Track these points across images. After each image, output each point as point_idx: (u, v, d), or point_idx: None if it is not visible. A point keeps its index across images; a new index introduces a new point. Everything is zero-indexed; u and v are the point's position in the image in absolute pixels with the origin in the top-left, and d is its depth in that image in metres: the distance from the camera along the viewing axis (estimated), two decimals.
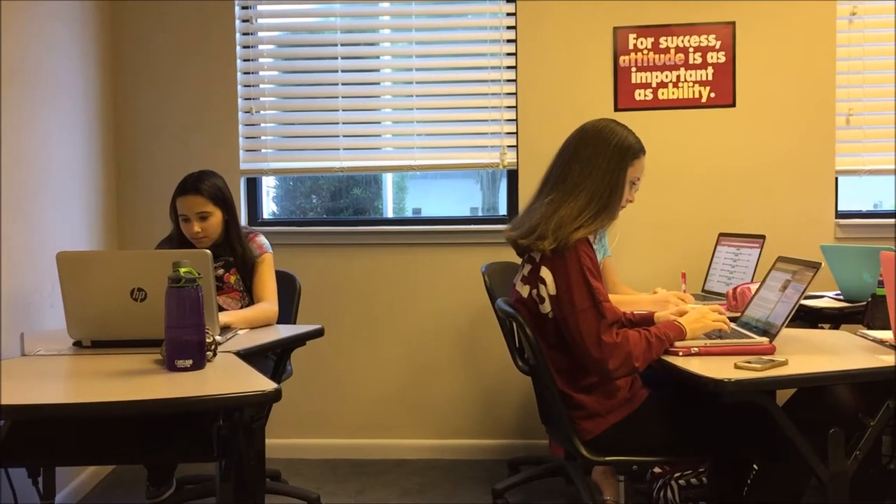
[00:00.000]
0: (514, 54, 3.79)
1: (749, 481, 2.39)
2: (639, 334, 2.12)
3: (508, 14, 3.80)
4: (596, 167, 2.19)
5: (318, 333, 2.73)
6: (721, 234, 3.53)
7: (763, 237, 3.25)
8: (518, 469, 3.49)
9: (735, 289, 2.95)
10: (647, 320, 2.37)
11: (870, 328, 2.51)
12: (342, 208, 4.34)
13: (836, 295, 3.17)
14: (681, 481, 2.88)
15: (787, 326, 2.73)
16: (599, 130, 2.24)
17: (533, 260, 2.24)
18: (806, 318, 3.02)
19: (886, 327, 2.32)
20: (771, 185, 3.72)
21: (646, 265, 3.71)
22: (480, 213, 4.15)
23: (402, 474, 3.63)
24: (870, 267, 2.84)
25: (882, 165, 3.72)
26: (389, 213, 4.31)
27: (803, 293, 2.19)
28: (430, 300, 3.86)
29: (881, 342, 2.29)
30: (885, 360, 2.09)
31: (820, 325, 3.07)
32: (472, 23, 3.89)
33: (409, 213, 4.30)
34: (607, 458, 2.24)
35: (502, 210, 3.98)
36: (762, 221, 3.62)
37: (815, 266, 2.21)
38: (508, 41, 3.80)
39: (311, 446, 3.89)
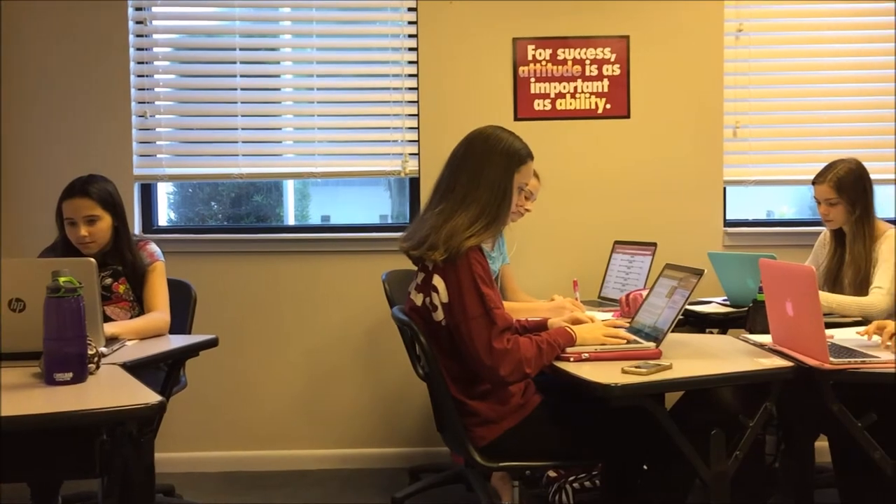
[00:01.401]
0: (416, 62, 3.81)
1: (639, 482, 2.46)
2: (530, 340, 2.15)
3: (410, 22, 3.81)
4: (484, 175, 2.21)
5: (212, 344, 2.67)
6: (616, 242, 3.63)
7: (655, 245, 3.35)
8: (419, 477, 3.49)
9: (628, 295, 3.03)
10: (540, 327, 2.40)
11: (751, 332, 2.62)
12: (243, 215, 4.27)
13: (723, 300, 3.29)
14: (575, 485, 2.94)
15: (675, 331, 2.82)
16: (486, 138, 2.27)
17: (426, 268, 2.24)
18: (695, 323, 3.13)
19: (766, 331, 2.42)
20: (663, 194, 3.84)
21: (544, 272, 3.77)
22: (390, 221, 4.14)
23: (302, 485, 3.58)
24: (753, 273, 2.96)
25: (767, 176, 3.89)
26: (291, 221, 4.25)
27: (688, 299, 2.26)
28: (332, 308, 3.83)
29: (761, 346, 2.39)
30: (764, 363, 2.18)
31: (708, 329, 3.18)
32: (374, 30, 3.89)
33: (316, 221, 4.26)
34: (501, 464, 2.27)
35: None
36: (655, 229, 3.73)
37: (699, 273, 2.28)
38: (410, 49, 3.82)
39: (208, 459, 3.80)
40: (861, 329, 2.36)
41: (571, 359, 2.20)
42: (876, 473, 2.12)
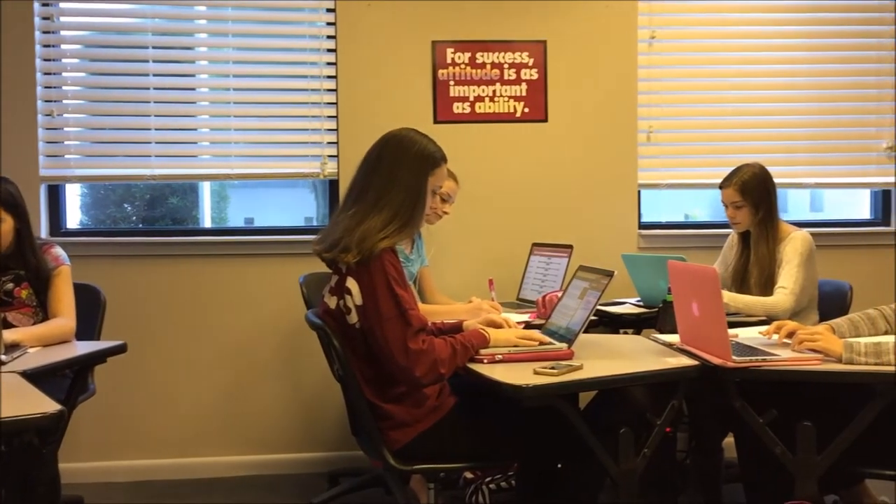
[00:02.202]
0: (335, 63, 3.78)
1: (554, 482, 2.49)
2: (445, 342, 2.16)
3: (328, 23, 3.78)
4: (398, 177, 2.21)
5: (120, 350, 2.59)
6: (534, 244, 3.67)
7: (571, 247, 3.40)
8: (337, 481, 3.46)
9: (544, 297, 3.07)
10: (455, 329, 2.41)
11: (661, 332, 2.68)
12: (158, 218, 4.17)
13: (637, 301, 3.36)
14: (491, 485, 2.96)
15: (590, 332, 2.87)
16: (400, 140, 2.27)
17: (340, 271, 2.23)
18: (609, 323, 3.19)
19: (675, 331, 2.48)
20: (580, 196, 3.90)
21: (463, 274, 3.79)
22: (315, 223, 4.09)
23: (217, 493, 3.51)
24: (664, 275, 3.02)
25: (679, 180, 3.99)
26: (207, 223, 4.17)
27: (599, 300, 2.30)
28: (250, 312, 3.77)
29: (669, 345, 2.44)
30: (671, 362, 2.24)
31: (623, 330, 3.25)
32: (292, 30, 3.84)
33: (238, 223, 4.19)
34: (415, 467, 2.26)
35: None
36: (572, 231, 3.79)
37: (609, 274, 2.33)
38: (329, 50, 3.79)
39: (119, 468, 3.69)
40: (763, 329, 2.44)
41: (485, 360, 2.22)
42: (778, 468, 2.19)
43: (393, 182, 2.21)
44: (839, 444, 2.11)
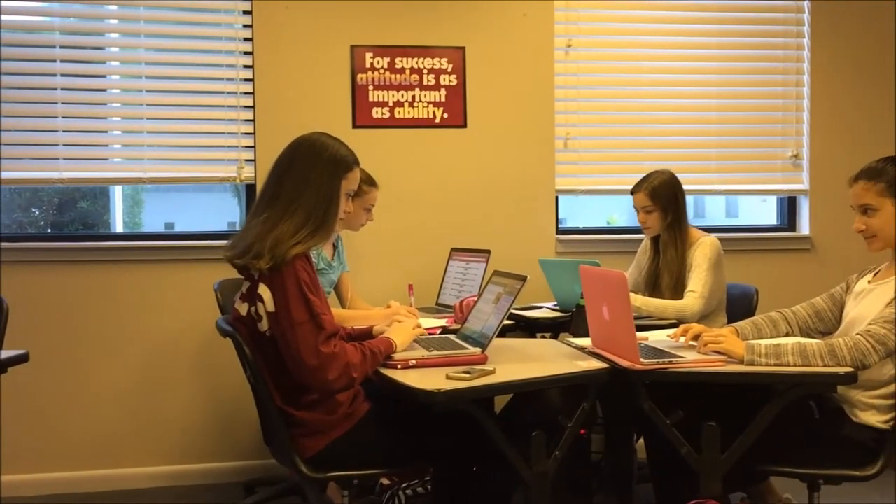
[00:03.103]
0: (252, 66, 3.73)
1: (469, 485, 2.50)
2: (355, 347, 2.16)
3: (245, 25, 3.73)
4: (310, 182, 2.19)
5: (21, 359, 2.50)
6: (453, 250, 3.69)
7: (488, 252, 3.43)
8: (254, 490, 3.40)
9: (462, 302, 3.08)
10: (365, 335, 2.41)
11: (575, 336, 2.73)
12: (67, 222, 4.04)
13: (554, 306, 3.40)
14: (408, 491, 2.95)
15: (509, 336, 2.90)
16: (311, 144, 2.25)
17: (252, 277, 2.20)
18: (526, 328, 3.23)
19: (588, 335, 2.52)
20: (499, 202, 3.94)
21: (383, 280, 3.78)
22: (238, 228, 4.02)
23: None
24: (579, 279, 3.08)
25: (596, 186, 4.06)
26: (119, 228, 4.06)
27: (512, 304, 2.32)
28: (163, 319, 3.68)
29: (582, 349, 2.49)
30: (581, 365, 2.28)
31: (540, 334, 3.29)
32: (208, 32, 3.77)
33: (158, 228, 4.09)
34: (328, 475, 2.25)
35: None
36: (491, 236, 3.82)
37: (522, 279, 2.35)
38: (245, 53, 3.73)
39: (29, 482, 3.55)
40: (672, 332, 2.50)
41: (398, 366, 2.22)
42: (685, 468, 2.25)
43: (305, 186, 2.20)
44: (741, 443, 2.18)
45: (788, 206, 4.29)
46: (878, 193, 2.39)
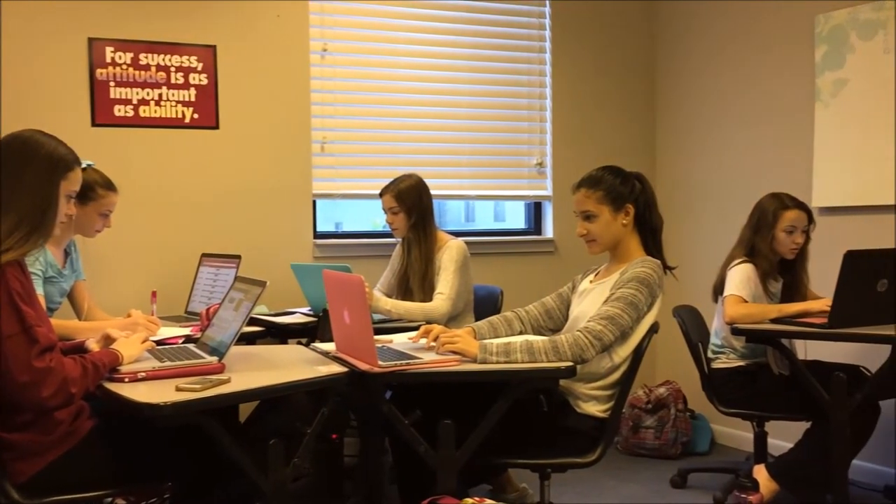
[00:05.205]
0: None
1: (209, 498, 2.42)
2: (74, 360, 2.01)
3: None
4: (24, 183, 2.01)
5: None
6: (203, 255, 3.56)
7: (239, 257, 3.34)
8: None
9: (208, 309, 2.97)
10: (78, 348, 2.26)
11: (322, 341, 2.72)
12: None
13: (308, 311, 3.38)
14: None
15: (256, 343, 2.84)
16: (24, 142, 2.07)
17: None
18: (277, 334, 3.17)
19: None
20: (254, 206, 3.85)
21: (128, 288, 3.57)
22: None
23: None
24: None
25: (353, 190, 4.09)
26: None
27: (251, 310, 2.27)
28: None
29: (325, 353, 2.48)
30: (322, 370, 2.26)
31: (298, 340, 3.25)
32: None
33: None
34: (45, 500, 2.07)
35: None
36: (246, 241, 3.73)
37: (262, 284, 2.30)
38: None
39: None
40: (412, 334, 2.56)
41: (126, 379, 2.09)
42: (426, 466, 2.30)
43: (18, 187, 2.01)
44: (474, 439, 2.27)
45: (535, 211, 4.55)
46: (598, 201, 2.59)
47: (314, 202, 4.01)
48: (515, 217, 4.65)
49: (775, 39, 4.03)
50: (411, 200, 3.37)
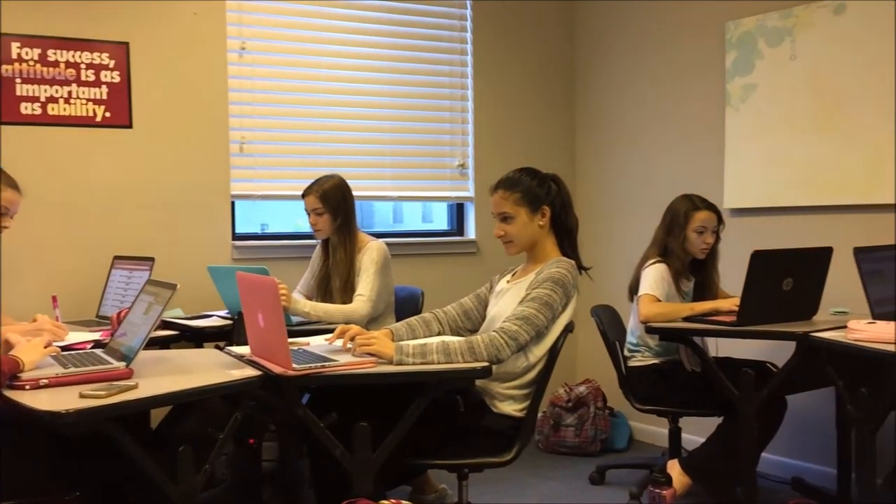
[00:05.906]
0: None
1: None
2: None
3: None
4: None
5: None
6: (115, 257, 3.46)
7: (152, 259, 3.26)
8: None
9: (120, 313, 2.89)
10: None
11: (237, 344, 2.67)
12: None
13: (226, 314, 3.31)
14: None
15: (170, 348, 2.77)
16: None
17: None
18: (192, 338, 3.11)
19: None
20: (170, 207, 3.77)
21: (35, 292, 3.44)
22: None
23: None
24: None
25: (272, 191, 4.03)
26: None
27: (161, 314, 2.22)
28: None
29: (240, 357, 2.44)
30: (235, 374, 2.22)
31: (216, 343, 3.17)
32: None
33: None
34: None
35: None
36: (161, 243, 3.64)
37: (172, 287, 2.25)
38: None
39: None
40: (328, 336, 2.54)
41: (27, 386, 2.01)
42: (343, 469, 2.28)
43: None
44: (391, 440, 2.26)
45: (458, 212, 4.57)
46: (515, 203, 2.61)
47: (233, 203, 3.94)
48: (441, 218, 4.66)
49: (688, 45, 4.14)
50: (336, 201, 3.34)
